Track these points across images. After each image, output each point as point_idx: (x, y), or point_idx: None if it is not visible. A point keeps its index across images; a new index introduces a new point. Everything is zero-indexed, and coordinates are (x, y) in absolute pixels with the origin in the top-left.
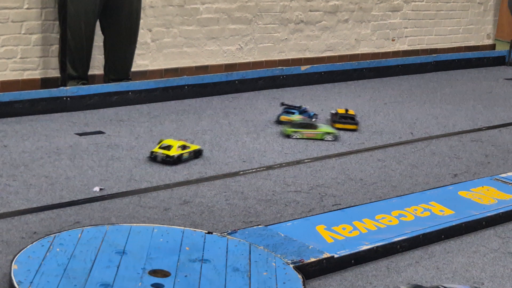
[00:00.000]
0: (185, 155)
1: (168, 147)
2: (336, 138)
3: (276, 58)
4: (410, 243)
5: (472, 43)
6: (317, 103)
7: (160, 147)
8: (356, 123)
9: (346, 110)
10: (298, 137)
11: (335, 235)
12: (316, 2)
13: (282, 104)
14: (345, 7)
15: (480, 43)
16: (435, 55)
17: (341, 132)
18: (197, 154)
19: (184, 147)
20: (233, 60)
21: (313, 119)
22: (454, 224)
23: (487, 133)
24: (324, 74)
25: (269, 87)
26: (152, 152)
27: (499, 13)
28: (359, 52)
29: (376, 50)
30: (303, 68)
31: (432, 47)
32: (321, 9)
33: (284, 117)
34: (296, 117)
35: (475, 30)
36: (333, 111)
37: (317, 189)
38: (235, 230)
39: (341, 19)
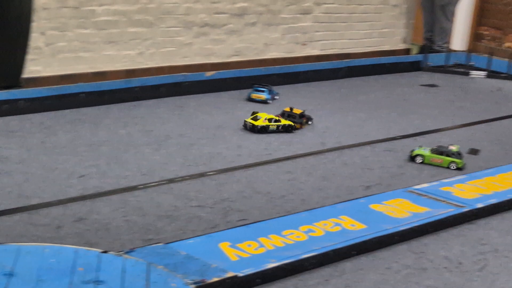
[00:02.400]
0: (272, 127)
1: (257, 118)
2: (459, 168)
3: (180, 64)
4: (319, 260)
5: (386, 47)
6: (224, 111)
7: (251, 118)
8: (299, 122)
9: (291, 109)
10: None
11: (240, 253)
12: (222, 4)
13: (253, 84)
14: (252, 10)
15: (395, 48)
16: (348, 60)
17: (250, 141)
18: (287, 128)
19: (271, 120)
20: (133, 66)
21: (276, 97)
22: (365, 239)
23: (402, 143)
24: (230, 80)
25: (172, 94)
26: (244, 121)
27: (415, 16)
28: (268, 57)
29: (286, 55)
30: (208, 74)
31: (345, 52)
32: (227, 11)
33: (254, 95)
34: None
35: (390, 34)
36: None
37: (221, 204)
38: (132, 248)
39: (249, 22)
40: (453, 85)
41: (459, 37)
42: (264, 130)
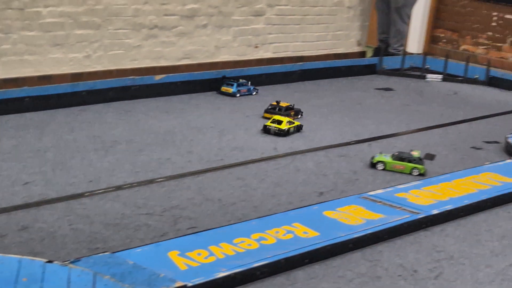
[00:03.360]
0: (292, 129)
1: (279, 122)
2: (421, 174)
3: (128, 67)
4: (271, 269)
5: (341, 50)
6: (173, 116)
7: (271, 122)
8: (284, 115)
9: (278, 102)
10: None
11: (189, 262)
12: (171, 5)
13: (224, 77)
14: (203, 11)
15: (350, 50)
16: (302, 63)
17: (201, 146)
18: (299, 128)
19: (290, 122)
20: (80, 69)
21: (254, 93)
22: (318, 247)
23: (356, 148)
24: (180, 84)
25: (120, 98)
26: (265, 126)
27: (370, 18)
28: (220, 60)
29: (238, 58)
30: (158, 77)
31: (298, 55)
32: (177, 13)
33: (224, 88)
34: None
35: (344, 36)
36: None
37: (171, 211)
38: (78, 258)
39: (200, 24)
40: (409, 89)
41: (415, 39)
42: (288, 133)
